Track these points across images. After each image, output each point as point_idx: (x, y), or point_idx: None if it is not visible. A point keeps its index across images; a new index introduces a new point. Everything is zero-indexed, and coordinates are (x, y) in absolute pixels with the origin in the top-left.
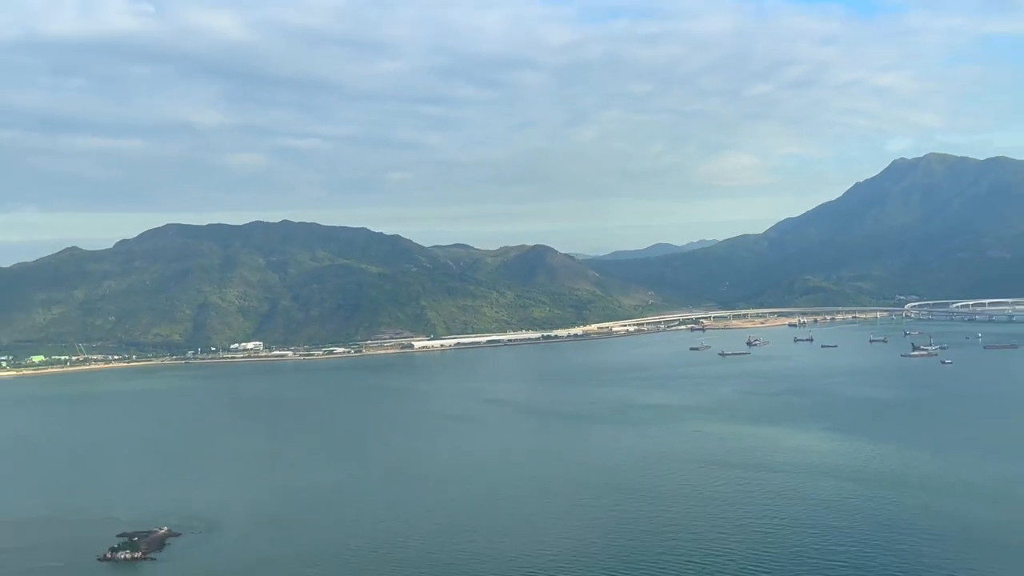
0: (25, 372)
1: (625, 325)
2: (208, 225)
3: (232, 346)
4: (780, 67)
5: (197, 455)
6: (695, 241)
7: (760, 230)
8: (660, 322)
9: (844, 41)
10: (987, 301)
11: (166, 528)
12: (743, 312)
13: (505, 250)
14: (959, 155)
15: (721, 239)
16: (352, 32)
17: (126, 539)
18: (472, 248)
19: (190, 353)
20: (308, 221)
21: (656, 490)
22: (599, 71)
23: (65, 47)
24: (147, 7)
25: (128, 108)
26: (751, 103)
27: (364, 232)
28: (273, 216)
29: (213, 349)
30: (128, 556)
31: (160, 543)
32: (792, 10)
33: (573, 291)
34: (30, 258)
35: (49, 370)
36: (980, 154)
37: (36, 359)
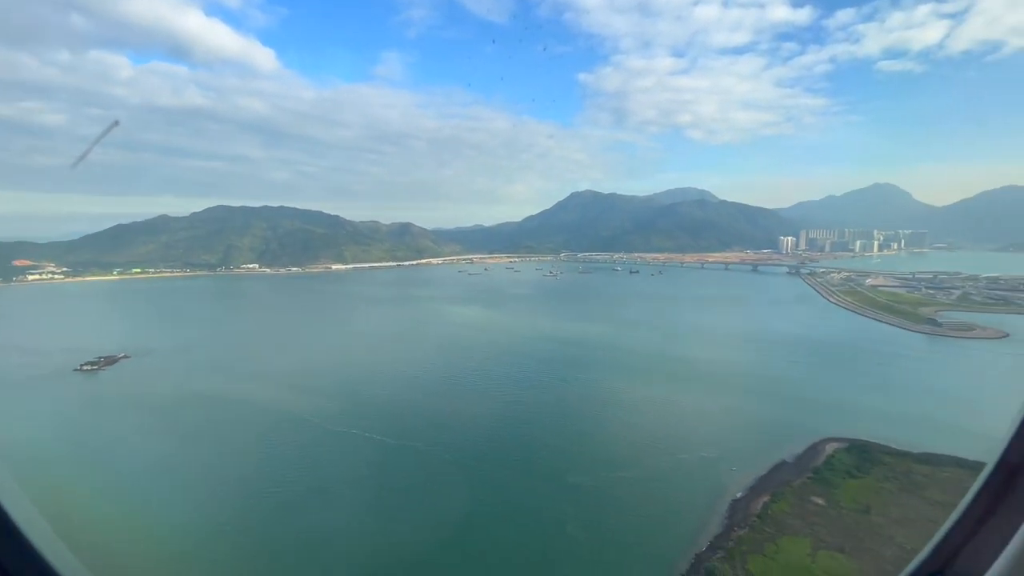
0: (125, 277)
1: (439, 260)
2: (240, 207)
3: (242, 266)
4: (531, 146)
5: (179, 316)
6: (495, 224)
7: (520, 219)
8: (458, 260)
9: (558, 137)
10: (598, 253)
11: (123, 353)
12: (497, 255)
13: (394, 224)
14: (606, 192)
15: (502, 222)
16: (324, 115)
17: (95, 359)
18: (379, 223)
19: (219, 269)
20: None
21: (407, 336)
22: (449, 142)
23: (178, 111)
24: (211, 94)
25: (209, 143)
26: (522, 162)
27: (318, 213)
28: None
29: (231, 268)
30: (90, 368)
31: (114, 361)
32: (534, 120)
33: (421, 245)
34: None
35: (140, 276)
36: (612, 190)
37: (135, 270)
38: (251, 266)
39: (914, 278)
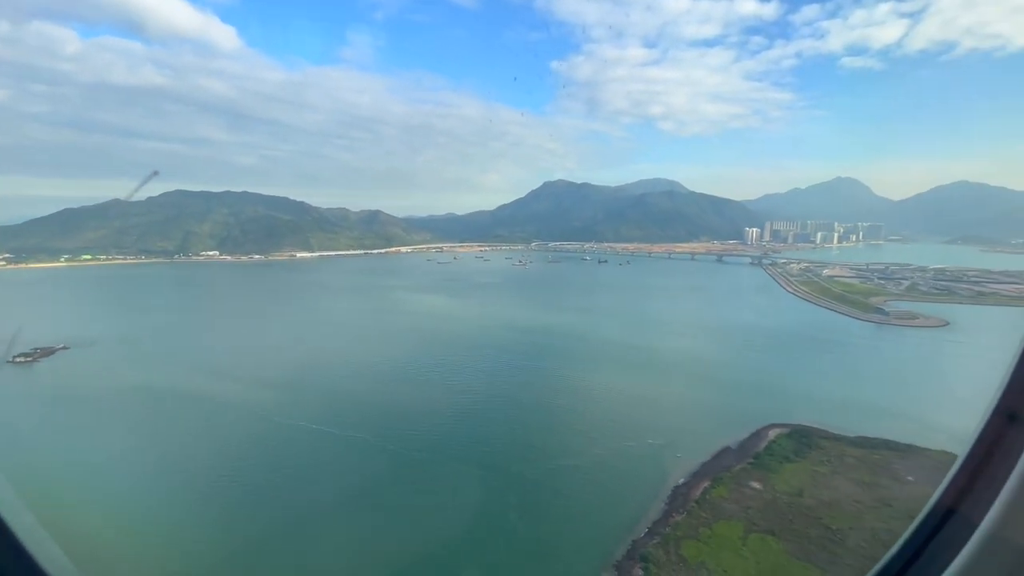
0: (74, 264)
1: (409, 248)
2: (200, 192)
3: (201, 253)
4: (504, 134)
5: (128, 305)
6: (468, 212)
7: (493, 208)
8: (428, 248)
9: (530, 125)
10: (568, 243)
11: (62, 344)
12: (469, 244)
13: (363, 211)
14: (579, 181)
15: (475, 211)
16: (291, 98)
17: (30, 350)
18: (348, 211)
19: (176, 257)
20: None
21: (367, 326)
22: (421, 128)
23: (133, 90)
24: (168, 72)
25: (168, 125)
26: (495, 150)
27: (283, 199)
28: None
29: (189, 255)
30: (24, 360)
31: (51, 352)
32: (506, 108)
33: (390, 233)
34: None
35: (90, 263)
36: (586, 180)
37: (85, 257)
38: (211, 253)
39: (868, 269)
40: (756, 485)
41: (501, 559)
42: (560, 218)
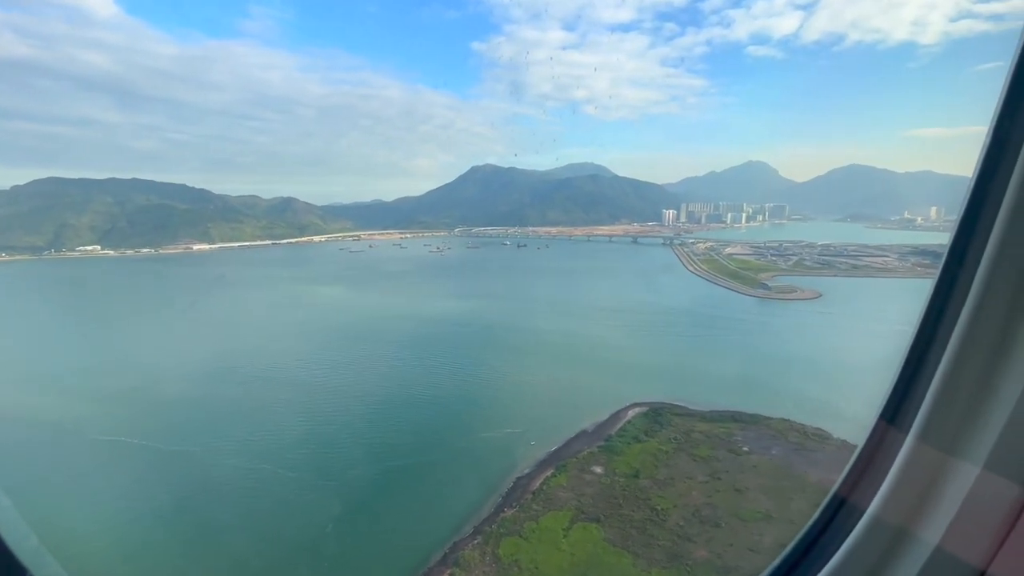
0: None
1: (323, 237)
2: (79, 179)
3: (77, 248)
4: (431, 117)
5: None
6: (395, 198)
7: (421, 193)
8: (344, 237)
9: (458, 109)
10: (493, 228)
11: None
12: (390, 231)
13: (275, 198)
14: (506, 166)
15: (402, 197)
16: (190, 75)
17: None
18: (259, 198)
19: (47, 252)
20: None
21: (243, 324)
22: (341, 110)
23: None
24: (35, 42)
25: (43, 103)
26: (422, 134)
27: (181, 187)
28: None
29: (63, 250)
30: None
31: None
32: (430, 90)
33: (304, 221)
34: None
35: None
36: (515, 164)
37: None
38: (90, 248)
39: (764, 247)
40: (598, 470)
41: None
42: (487, 203)
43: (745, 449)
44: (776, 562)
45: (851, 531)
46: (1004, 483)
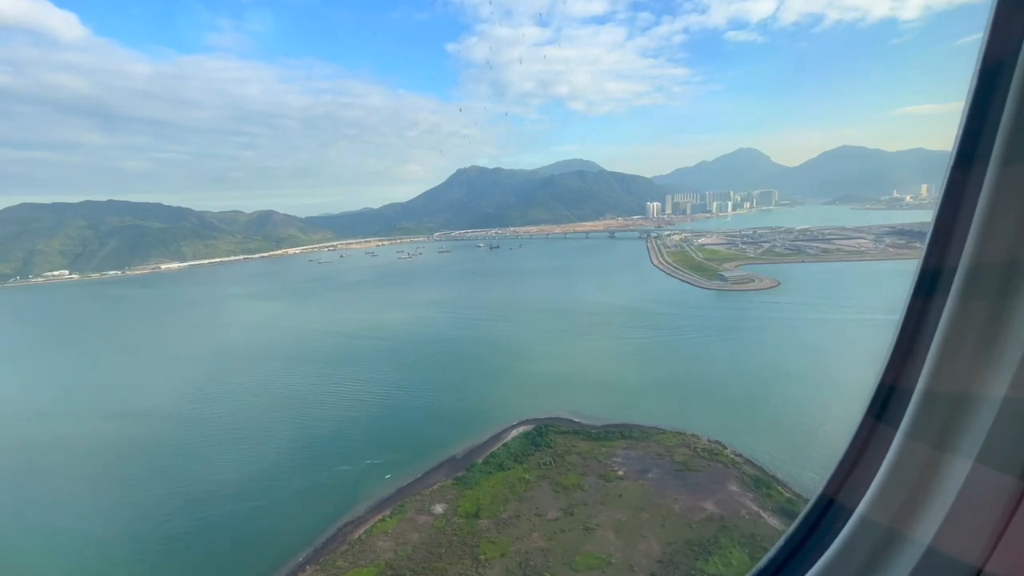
0: None
1: (298, 249)
2: (52, 204)
3: (44, 274)
4: (416, 122)
5: None
6: (383, 204)
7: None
8: (320, 248)
9: (441, 112)
10: (474, 231)
11: None
12: (371, 239)
13: (255, 212)
14: (492, 167)
15: (388, 203)
16: (168, 93)
17: None
18: (240, 212)
19: (12, 280)
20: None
21: (169, 346)
22: (325, 120)
23: None
24: (6, 68)
25: (25, 131)
26: (410, 140)
27: (157, 206)
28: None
29: (29, 277)
30: None
31: None
32: (412, 94)
33: (283, 233)
34: None
35: None
36: (508, 164)
37: None
38: (57, 273)
39: (738, 235)
40: (438, 509)
41: None
42: (472, 205)
43: (620, 473)
44: (760, 564)
45: (839, 532)
46: (998, 476)
